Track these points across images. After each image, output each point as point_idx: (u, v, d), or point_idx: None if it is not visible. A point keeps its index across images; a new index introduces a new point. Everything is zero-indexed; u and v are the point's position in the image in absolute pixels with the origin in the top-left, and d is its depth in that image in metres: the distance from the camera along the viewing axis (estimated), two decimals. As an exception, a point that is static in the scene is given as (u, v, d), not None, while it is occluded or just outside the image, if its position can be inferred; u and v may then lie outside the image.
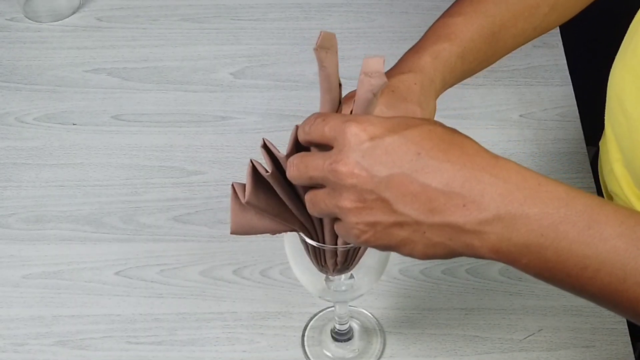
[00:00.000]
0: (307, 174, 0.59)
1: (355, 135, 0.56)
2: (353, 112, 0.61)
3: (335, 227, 0.61)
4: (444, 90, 0.78)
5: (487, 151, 0.57)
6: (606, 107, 0.86)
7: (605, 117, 0.88)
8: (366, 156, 0.55)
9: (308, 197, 0.61)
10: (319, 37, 0.58)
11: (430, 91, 0.75)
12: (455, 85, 1.08)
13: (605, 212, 0.55)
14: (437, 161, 0.55)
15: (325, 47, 0.59)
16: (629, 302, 0.56)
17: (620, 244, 0.54)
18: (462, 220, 0.55)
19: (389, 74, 0.75)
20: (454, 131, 0.57)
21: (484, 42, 0.78)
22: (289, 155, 0.63)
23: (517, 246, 0.55)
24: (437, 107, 0.78)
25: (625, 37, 0.84)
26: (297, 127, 0.64)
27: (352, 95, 0.70)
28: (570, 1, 0.84)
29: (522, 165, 0.56)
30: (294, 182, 0.62)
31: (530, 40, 0.84)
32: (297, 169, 0.59)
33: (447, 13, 0.80)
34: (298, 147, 0.65)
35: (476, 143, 0.57)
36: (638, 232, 0.55)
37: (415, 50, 0.77)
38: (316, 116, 0.59)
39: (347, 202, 0.57)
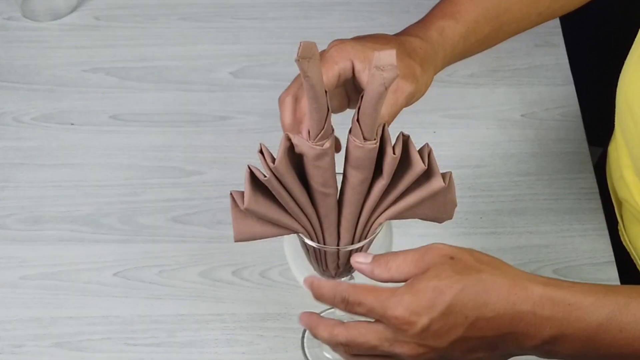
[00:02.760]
0: (367, 353, 0.64)
1: (404, 324, 0.61)
2: (362, 107, 0.62)
3: None
4: (442, 68, 0.78)
5: (515, 282, 0.62)
6: (616, 113, 0.85)
7: (615, 122, 0.87)
8: (424, 337, 0.61)
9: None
10: (299, 48, 0.58)
11: (432, 61, 0.75)
12: (457, 85, 1.09)
13: (632, 310, 0.62)
14: (483, 316, 0.61)
15: (307, 56, 0.59)
16: None
17: None
18: (518, 348, 0.63)
19: (396, 35, 0.76)
20: (479, 271, 0.62)
21: (488, 25, 0.79)
22: (280, 164, 0.63)
23: (565, 355, 0.63)
24: (438, 108, 0.77)
25: (634, 43, 0.83)
26: (287, 135, 0.64)
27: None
28: None
29: (549, 279, 0.63)
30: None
31: (533, 27, 0.84)
32: (356, 350, 0.64)
33: None
34: (291, 155, 0.64)
35: (502, 275, 0.62)
36: None
37: (421, 23, 0.78)
38: (346, 295, 0.63)
39: None
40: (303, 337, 0.89)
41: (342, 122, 0.72)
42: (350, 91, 0.73)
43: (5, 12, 1.17)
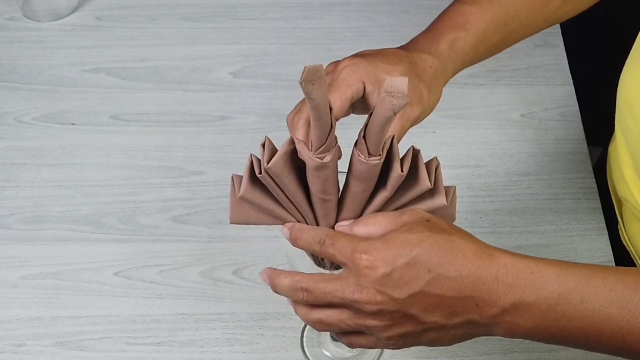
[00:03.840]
0: (325, 300, 0.64)
1: (367, 267, 0.61)
2: (369, 126, 0.62)
3: (360, 339, 0.66)
4: (451, 77, 0.79)
5: (482, 249, 0.63)
6: (616, 112, 0.85)
7: (615, 122, 0.87)
8: (384, 284, 0.61)
9: (321, 318, 0.65)
10: (303, 72, 0.58)
11: (441, 79, 0.76)
12: (456, 85, 1.09)
13: (594, 283, 0.62)
14: (446, 274, 0.61)
15: (311, 80, 0.59)
16: (634, 356, 0.64)
17: (612, 311, 0.62)
18: (478, 316, 0.63)
19: (407, 48, 0.77)
20: (450, 234, 0.63)
21: (496, 33, 0.79)
22: (274, 166, 0.63)
23: (525, 329, 0.63)
24: (438, 108, 0.78)
25: (635, 42, 0.83)
26: (291, 138, 0.64)
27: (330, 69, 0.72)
28: None
29: (515, 252, 0.63)
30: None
31: (540, 31, 0.85)
32: (314, 297, 0.64)
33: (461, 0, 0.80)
34: (293, 156, 0.64)
35: (471, 241, 0.63)
36: (627, 296, 0.62)
37: (431, 34, 0.78)
38: (324, 236, 0.64)
39: (375, 322, 0.63)
40: (302, 336, 0.89)
41: (343, 121, 0.72)
42: (356, 102, 0.73)
43: (6, 12, 1.17)
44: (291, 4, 1.19)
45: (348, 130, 0.69)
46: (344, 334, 0.67)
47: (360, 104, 0.73)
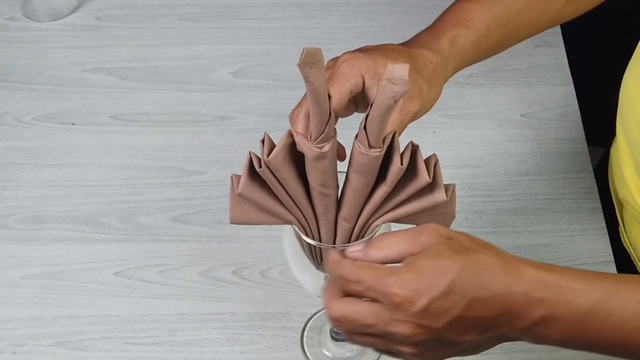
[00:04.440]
0: (360, 331, 0.63)
1: (405, 302, 0.60)
2: (370, 116, 0.62)
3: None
4: (452, 75, 0.79)
5: (509, 263, 0.62)
6: (618, 113, 0.85)
7: (617, 124, 0.87)
8: (422, 317, 0.60)
9: (350, 336, 0.64)
10: (302, 54, 0.58)
11: (441, 75, 0.76)
12: (456, 85, 1.09)
13: (621, 296, 0.62)
14: (480, 296, 0.61)
15: (310, 62, 0.59)
16: None
17: None
18: (509, 330, 0.63)
19: (408, 44, 0.77)
20: (476, 252, 0.62)
21: (498, 31, 0.79)
22: (274, 159, 0.63)
23: (555, 340, 0.64)
24: (438, 108, 0.78)
25: (638, 46, 0.83)
26: (290, 131, 0.64)
27: (330, 65, 0.72)
28: None
29: (540, 263, 0.63)
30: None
31: (542, 31, 0.85)
32: (346, 325, 0.63)
33: None
34: (293, 151, 0.64)
35: (495, 256, 0.62)
36: None
37: (433, 31, 0.78)
38: (346, 273, 0.61)
39: (410, 349, 0.63)
40: (302, 335, 0.89)
41: (343, 121, 0.72)
42: (358, 98, 0.73)
43: (6, 12, 1.17)
44: (291, 4, 1.19)
45: (348, 130, 0.69)
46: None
47: (362, 101, 0.73)
